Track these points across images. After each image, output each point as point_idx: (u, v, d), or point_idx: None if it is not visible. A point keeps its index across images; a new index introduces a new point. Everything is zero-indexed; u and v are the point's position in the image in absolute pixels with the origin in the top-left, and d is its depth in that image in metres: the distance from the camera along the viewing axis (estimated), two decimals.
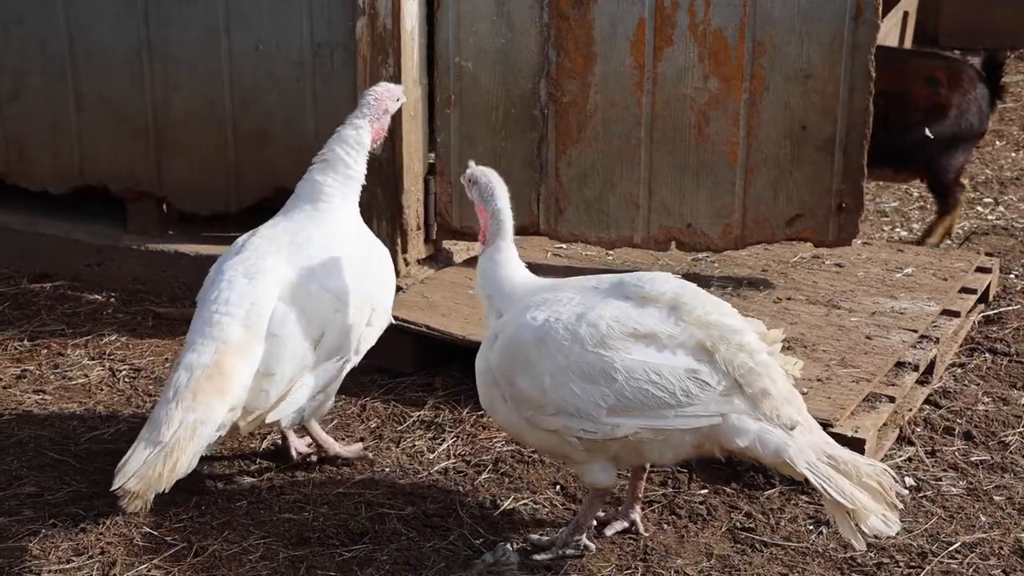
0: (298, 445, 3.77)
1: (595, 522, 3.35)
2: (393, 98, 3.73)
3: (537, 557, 3.24)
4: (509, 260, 3.28)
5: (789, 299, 4.39)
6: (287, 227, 3.59)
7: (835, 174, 4.32)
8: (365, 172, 3.67)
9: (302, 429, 3.82)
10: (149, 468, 3.16)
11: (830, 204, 4.34)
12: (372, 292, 3.56)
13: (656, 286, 3.10)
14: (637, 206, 4.44)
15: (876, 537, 3.02)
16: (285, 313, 3.40)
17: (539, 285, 3.25)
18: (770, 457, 3.00)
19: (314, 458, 3.73)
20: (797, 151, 4.31)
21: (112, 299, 4.71)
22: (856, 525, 2.93)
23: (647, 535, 3.38)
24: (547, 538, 3.32)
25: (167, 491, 3.17)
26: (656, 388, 2.99)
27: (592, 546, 3.29)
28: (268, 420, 3.42)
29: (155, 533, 3.38)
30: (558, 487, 3.63)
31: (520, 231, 4.33)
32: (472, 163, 3.35)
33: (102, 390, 4.15)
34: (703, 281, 4.54)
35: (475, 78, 4.39)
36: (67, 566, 3.25)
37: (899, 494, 2.98)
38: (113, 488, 3.16)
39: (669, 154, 4.37)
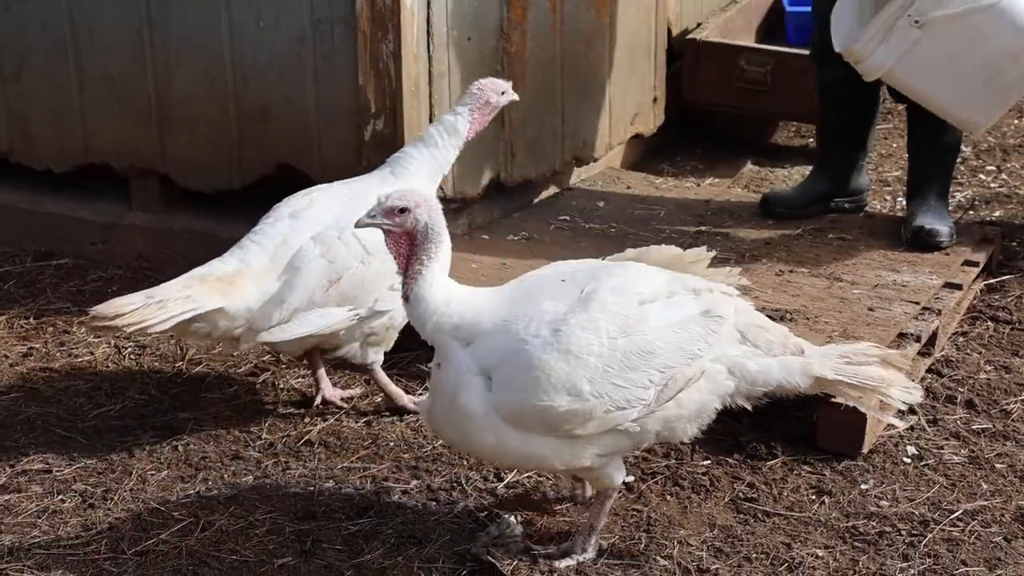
0: (329, 393, 3.88)
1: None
2: (497, 91, 3.75)
3: (560, 565, 3.16)
4: (448, 281, 3.04)
5: (791, 271, 4.40)
6: (353, 185, 3.76)
7: (653, 74, 5.25)
8: (452, 162, 3.78)
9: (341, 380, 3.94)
10: (130, 307, 3.35)
11: (650, 99, 5.29)
12: None
13: (638, 285, 3.06)
14: (558, 136, 4.84)
15: (905, 407, 3.25)
16: (310, 249, 3.56)
17: (499, 300, 3.05)
18: (803, 380, 3.11)
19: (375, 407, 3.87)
20: (634, 61, 5.13)
21: (117, 276, 4.72)
22: (886, 403, 3.17)
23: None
24: (562, 547, 3.22)
25: (131, 336, 3.20)
26: (687, 342, 3.01)
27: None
28: (263, 339, 3.57)
29: (162, 508, 3.41)
30: None
31: (491, 184, 4.64)
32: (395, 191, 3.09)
33: (108, 367, 4.17)
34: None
35: (460, 46, 4.42)
36: (75, 541, 3.29)
37: (904, 355, 3.24)
38: (90, 309, 3.38)
39: (572, 83, 4.83)
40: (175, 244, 4.76)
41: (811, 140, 6.07)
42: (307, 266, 3.55)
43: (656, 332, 2.99)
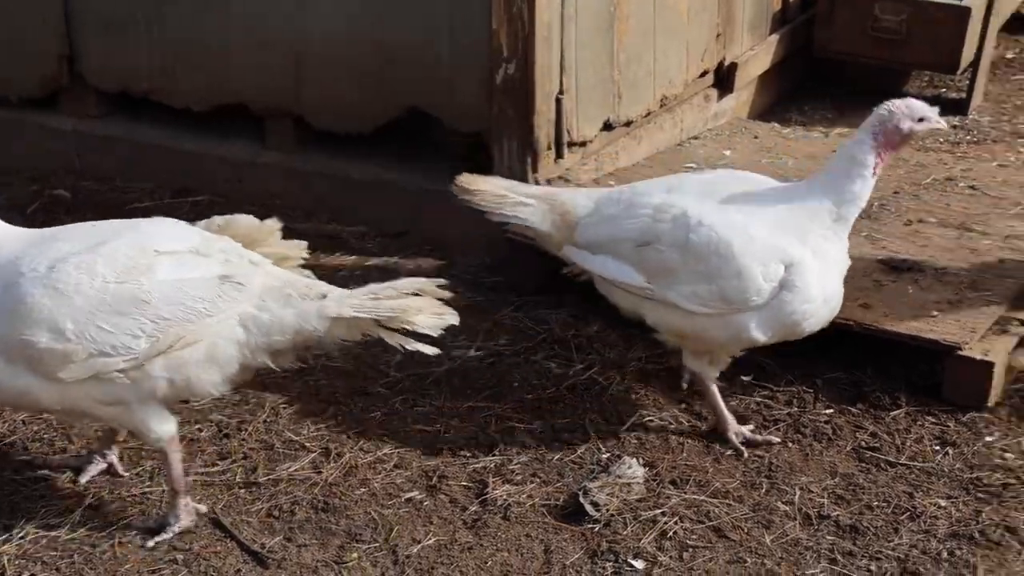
0: (734, 428, 3.53)
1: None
2: (912, 116, 3.29)
3: (153, 542, 3.15)
4: None
5: (920, 221, 4.33)
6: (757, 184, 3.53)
7: (717, 10, 5.15)
8: (864, 195, 3.34)
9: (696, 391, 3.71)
10: (489, 188, 3.65)
11: (714, 35, 5.19)
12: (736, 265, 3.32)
13: (163, 241, 3.06)
14: (651, 75, 4.85)
15: (438, 333, 3.17)
16: (646, 208, 3.44)
17: (30, 239, 3.08)
18: (321, 323, 3.10)
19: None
20: None
21: (251, 214, 4.83)
22: (413, 331, 3.14)
23: (125, 475, 3.34)
24: (158, 521, 3.22)
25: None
26: (192, 300, 2.99)
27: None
28: (565, 252, 3.62)
29: (294, 439, 3.55)
30: (683, 405, 3.69)
31: (605, 127, 4.62)
32: None
33: None
34: None
35: None
36: (212, 469, 3.44)
37: (438, 283, 3.19)
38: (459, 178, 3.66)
39: (662, 20, 4.85)
40: (307, 184, 4.87)
41: (944, 91, 5.94)
42: (631, 219, 3.43)
43: (157, 284, 2.97)
